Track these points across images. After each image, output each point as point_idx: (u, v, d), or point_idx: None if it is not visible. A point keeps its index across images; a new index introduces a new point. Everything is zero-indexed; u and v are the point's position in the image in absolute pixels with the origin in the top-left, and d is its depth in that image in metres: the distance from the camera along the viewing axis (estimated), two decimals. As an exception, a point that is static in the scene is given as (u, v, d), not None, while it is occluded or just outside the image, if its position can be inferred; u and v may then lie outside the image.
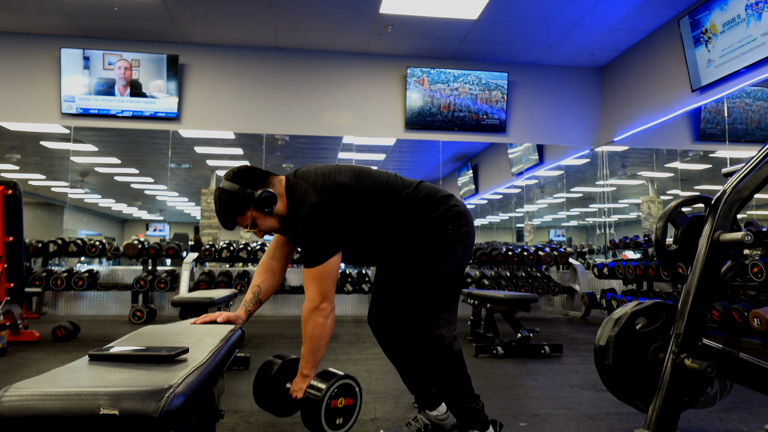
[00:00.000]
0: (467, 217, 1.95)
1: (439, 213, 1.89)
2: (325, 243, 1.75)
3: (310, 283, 1.74)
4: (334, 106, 6.61)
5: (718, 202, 1.96)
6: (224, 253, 6.02)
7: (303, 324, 1.75)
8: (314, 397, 1.70)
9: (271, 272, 1.96)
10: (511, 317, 3.94)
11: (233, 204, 1.74)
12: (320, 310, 1.73)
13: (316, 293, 1.73)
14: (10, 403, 0.88)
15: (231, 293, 3.70)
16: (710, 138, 6.18)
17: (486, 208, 13.68)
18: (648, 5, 5.48)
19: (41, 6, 5.58)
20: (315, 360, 1.78)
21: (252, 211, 1.75)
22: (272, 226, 1.81)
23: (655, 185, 8.15)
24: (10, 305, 4.06)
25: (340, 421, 1.74)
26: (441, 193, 1.94)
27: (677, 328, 1.88)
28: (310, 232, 1.73)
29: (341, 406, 1.74)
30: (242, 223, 1.78)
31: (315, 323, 1.74)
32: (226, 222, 1.78)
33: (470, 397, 1.86)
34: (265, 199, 1.73)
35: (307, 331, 1.75)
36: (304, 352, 1.78)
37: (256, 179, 1.77)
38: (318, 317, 1.73)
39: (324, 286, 1.74)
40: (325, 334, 1.76)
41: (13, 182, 4.06)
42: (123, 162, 11.04)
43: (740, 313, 3.78)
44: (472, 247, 2.00)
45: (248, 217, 1.76)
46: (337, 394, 1.73)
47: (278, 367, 1.87)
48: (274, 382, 1.87)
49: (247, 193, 1.73)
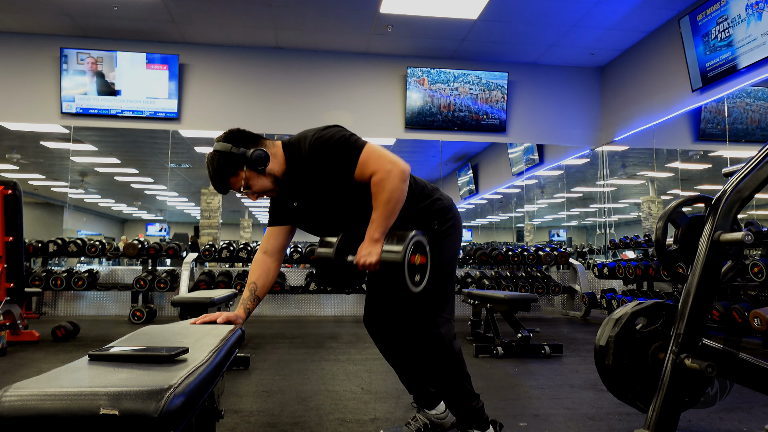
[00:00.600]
0: (452, 210, 1.94)
1: (424, 206, 1.88)
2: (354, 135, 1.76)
3: (374, 157, 1.71)
4: (334, 106, 6.61)
5: (719, 202, 1.96)
6: (224, 253, 6.02)
7: (378, 186, 1.70)
8: (395, 257, 1.66)
9: (266, 268, 1.94)
10: (511, 317, 3.94)
11: (226, 164, 1.72)
12: (396, 172, 1.70)
13: (385, 161, 1.70)
14: (10, 403, 0.88)
15: (231, 293, 3.70)
16: (710, 138, 6.18)
17: (486, 208, 13.70)
18: (648, 5, 5.48)
19: (41, 6, 5.58)
20: (388, 225, 1.73)
21: (245, 171, 1.74)
22: (265, 185, 1.79)
23: (656, 185, 8.15)
24: (9, 305, 4.06)
25: (418, 278, 1.72)
26: (425, 185, 1.94)
27: (677, 328, 1.88)
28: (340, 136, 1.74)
29: (417, 264, 1.72)
30: (235, 185, 1.76)
31: (393, 185, 1.69)
32: (220, 184, 1.76)
33: (470, 396, 1.86)
34: (258, 157, 1.72)
35: (383, 196, 1.70)
36: (377, 217, 1.72)
37: (247, 140, 1.77)
38: (395, 179, 1.69)
39: (385, 156, 1.71)
40: (402, 198, 1.72)
41: (13, 182, 4.06)
42: (123, 162, 11.04)
43: (740, 313, 3.78)
44: (461, 240, 1.99)
45: (241, 177, 1.74)
46: (414, 250, 1.70)
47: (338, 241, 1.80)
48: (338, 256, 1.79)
49: (239, 151, 1.72)
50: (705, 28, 5.07)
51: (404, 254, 1.65)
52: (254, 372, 3.26)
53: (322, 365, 3.47)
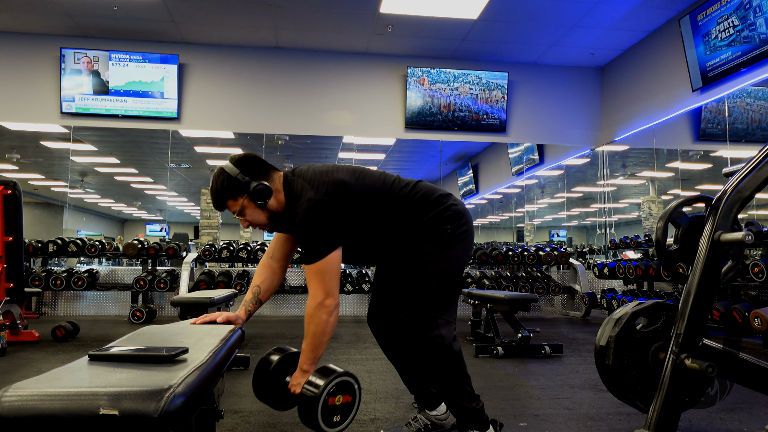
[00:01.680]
0: (465, 216, 1.95)
1: (436, 212, 1.89)
2: (324, 238, 1.74)
3: (312, 279, 1.74)
4: (334, 106, 6.60)
5: (719, 202, 1.95)
6: (224, 253, 6.02)
7: (306, 319, 1.75)
8: (311, 393, 1.68)
9: (271, 272, 1.96)
10: (511, 317, 3.94)
11: (228, 187, 1.76)
12: (324, 306, 1.72)
13: (319, 289, 1.73)
14: (10, 403, 0.88)
15: (231, 293, 3.70)
16: (711, 138, 6.17)
17: (486, 208, 13.69)
18: (648, 5, 5.48)
19: (41, 6, 5.58)
20: (316, 356, 1.77)
21: (245, 199, 1.76)
22: (260, 219, 1.81)
23: (656, 185, 8.15)
24: (9, 305, 4.06)
25: (338, 419, 1.72)
26: (438, 192, 1.94)
27: (678, 328, 1.88)
28: (308, 228, 1.73)
29: (339, 404, 1.72)
30: (232, 208, 1.79)
31: (318, 319, 1.72)
32: (217, 202, 1.80)
33: (470, 397, 1.86)
34: (260, 191, 1.74)
35: (310, 327, 1.74)
36: (305, 348, 1.77)
37: (257, 170, 1.79)
38: (322, 313, 1.72)
39: (326, 282, 1.73)
40: (328, 332, 1.75)
41: (12, 182, 4.06)
42: (123, 162, 11.04)
43: (741, 313, 3.77)
44: (472, 246, 1.99)
45: (239, 203, 1.77)
46: (335, 391, 1.71)
47: (278, 361, 1.85)
48: (274, 376, 1.85)
49: (244, 180, 1.74)
50: (705, 27, 5.06)
51: (321, 392, 1.68)
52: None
53: (322, 364, 3.46)
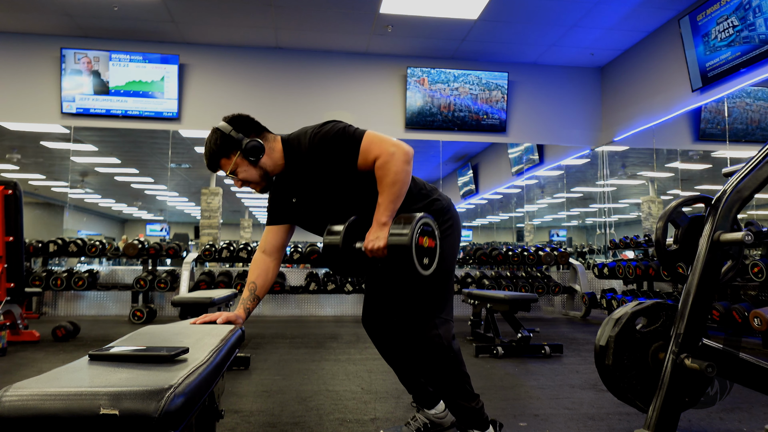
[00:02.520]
0: (450, 211, 1.94)
1: (422, 206, 1.87)
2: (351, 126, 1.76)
3: (376, 142, 1.70)
4: (334, 106, 6.61)
5: (719, 202, 1.96)
6: (224, 253, 6.02)
7: (380, 173, 1.69)
8: (404, 237, 1.63)
9: (265, 267, 1.94)
10: (511, 317, 3.94)
11: (221, 144, 1.76)
12: (402, 153, 1.69)
13: (388, 144, 1.70)
14: (10, 403, 0.88)
15: (231, 293, 3.70)
16: (710, 138, 6.18)
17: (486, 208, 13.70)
18: (648, 5, 5.48)
19: (41, 6, 5.58)
20: (395, 208, 1.72)
21: (237, 157, 1.76)
22: (253, 177, 1.80)
23: (656, 185, 8.15)
24: (10, 305, 4.06)
25: (427, 261, 1.70)
26: (423, 186, 1.94)
27: (677, 328, 1.88)
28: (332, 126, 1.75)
29: (426, 246, 1.70)
30: (225, 167, 1.79)
31: (397, 167, 1.68)
32: (211, 162, 1.80)
33: (470, 396, 1.86)
34: (253, 147, 1.75)
35: (388, 177, 1.69)
36: (383, 201, 1.71)
37: (250, 128, 1.80)
38: (398, 161, 1.68)
39: (390, 139, 1.72)
40: (407, 181, 1.72)
41: (13, 182, 4.06)
42: (123, 162, 11.04)
43: (740, 313, 3.77)
44: (459, 241, 1.98)
45: (232, 161, 1.77)
46: (422, 232, 1.68)
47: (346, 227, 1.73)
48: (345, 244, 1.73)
49: (237, 137, 1.75)
50: (705, 28, 5.07)
51: (412, 236, 1.63)
52: (254, 372, 3.26)
53: (322, 365, 3.47)
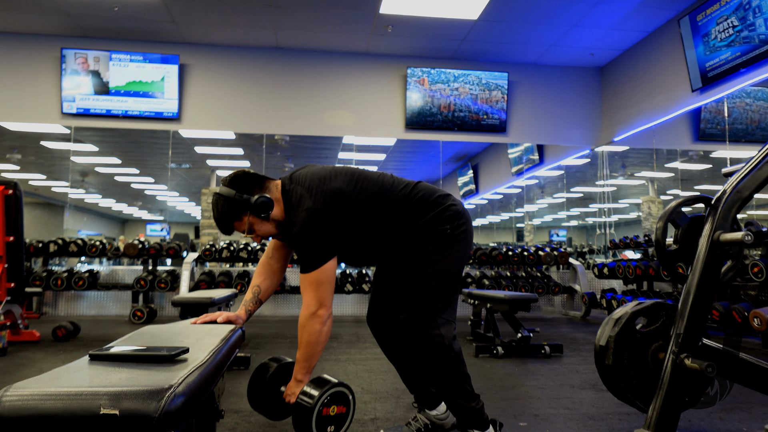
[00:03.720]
0: (465, 216, 1.95)
1: (435, 213, 1.89)
2: (320, 248, 1.75)
3: (307, 288, 1.75)
4: (335, 106, 6.61)
5: (719, 202, 1.96)
6: (224, 253, 6.02)
7: (300, 329, 1.76)
8: (306, 404, 1.69)
9: (270, 272, 1.96)
10: (511, 317, 3.94)
11: (230, 209, 1.75)
12: (317, 316, 1.73)
13: (313, 299, 1.74)
14: (10, 402, 0.88)
15: (231, 293, 3.70)
16: (710, 138, 6.18)
17: (486, 208, 13.69)
18: (648, 5, 5.48)
19: (41, 6, 5.58)
20: (310, 366, 1.79)
21: (249, 216, 1.76)
22: (269, 231, 1.82)
23: (656, 185, 8.15)
24: (10, 305, 4.06)
25: (332, 429, 1.73)
26: (438, 193, 1.95)
27: (677, 328, 1.88)
28: (304, 238, 1.73)
29: (333, 414, 1.73)
30: (239, 228, 1.79)
31: (311, 329, 1.74)
32: (224, 227, 1.80)
33: (470, 396, 1.86)
34: (262, 204, 1.74)
35: (303, 337, 1.75)
36: (299, 357, 1.78)
37: (252, 184, 1.78)
38: (315, 323, 1.73)
39: (320, 292, 1.74)
40: (321, 341, 1.76)
41: (13, 182, 4.06)
42: (123, 162, 11.04)
43: (740, 313, 3.77)
44: (471, 246, 2.00)
45: (245, 222, 1.77)
46: (329, 401, 1.72)
47: (273, 371, 1.87)
48: (269, 385, 1.86)
49: (243, 198, 1.73)
50: (705, 28, 5.07)
51: (316, 403, 1.69)
52: (254, 372, 3.25)
53: (322, 365, 3.47)
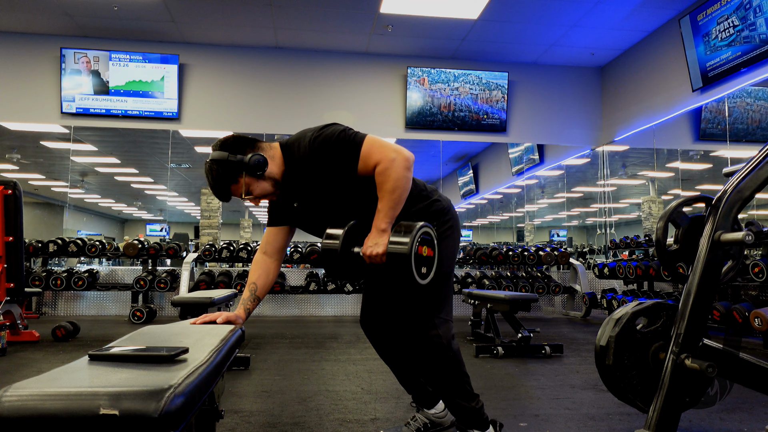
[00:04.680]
0: (450, 212, 1.93)
1: (422, 207, 1.87)
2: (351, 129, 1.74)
3: (377, 147, 1.69)
4: (334, 106, 6.61)
5: (719, 201, 1.95)
6: (224, 253, 6.02)
7: (381, 178, 1.69)
8: (403, 246, 1.63)
9: (265, 268, 1.93)
10: (511, 317, 3.94)
11: (225, 172, 1.71)
12: (402, 159, 1.69)
13: (389, 150, 1.69)
14: (10, 403, 0.88)
15: (231, 293, 3.70)
16: (711, 138, 6.17)
17: (486, 208, 13.70)
18: (648, 5, 5.48)
19: (41, 6, 5.58)
20: (395, 214, 1.72)
21: (244, 177, 1.73)
22: (266, 189, 1.78)
23: (656, 185, 8.15)
24: (10, 305, 4.06)
25: (425, 271, 1.69)
26: (425, 186, 1.93)
27: (678, 328, 1.88)
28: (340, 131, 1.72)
29: (425, 255, 1.70)
30: (237, 192, 1.75)
31: (397, 174, 1.67)
32: (221, 192, 1.75)
33: (469, 396, 1.86)
34: (257, 162, 1.70)
35: (389, 183, 1.68)
36: (383, 207, 1.70)
37: (244, 145, 1.75)
38: (399, 167, 1.67)
39: (390, 145, 1.71)
40: (408, 187, 1.71)
41: (13, 182, 4.06)
42: (123, 162, 11.04)
43: (741, 313, 3.77)
44: (459, 242, 1.99)
45: (242, 184, 1.73)
46: (421, 241, 1.68)
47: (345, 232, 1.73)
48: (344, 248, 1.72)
49: (237, 159, 1.70)
50: (705, 27, 5.06)
51: (411, 246, 1.62)
52: (254, 372, 3.26)
53: (322, 365, 3.47)
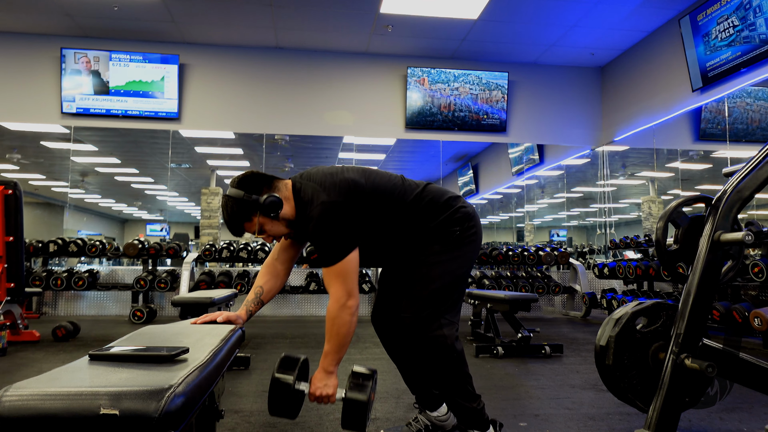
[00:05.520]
0: (474, 218, 1.96)
1: (446, 216, 1.90)
2: (341, 240, 1.73)
3: (333, 281, 1.73)
4: (335, 106, 6.60)
5: (719, 201, 1.95)
6: (224, 253, 6.02)
7: (329, 322, 1.74)
8: (360, 398, 1.70)
9: (274, 274, 1.95)
10: (511, 317, 3.94)
11: (239, 210, 1.74)
12: (347, 307, 1.72)
13: (341, 291, 1.72)
14: (10, 402, 0.88)
15: (231, 293, 3.70)
16: (711, 138, 6.18)
17: (486, 208, 13.69)
18: (648, 5, 5.48)
19: (41, 6, 5.58)
20: (340, 357, 1.77)
21: (259, 216, 1.74)
22: (280, 231, 1.81)
23: (656, 185, 8.15)
24: (10, 305, 4.06)
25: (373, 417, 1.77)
26: (447, 195, 1.95)
27: (678, 328, 1.88)
28: (324, 231, 1.72)
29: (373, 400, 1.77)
30: (250, 229, 1.77)
31: (342, 321, 1.72)
32: (234, 228, 1.78)
33: (471, 397, 1.86)
34: (271, 204, 1.72)
35: (333, 329, 1.73)
36: (330, 350, 1.75)
37: (261, 184, 1.76)
38: (345, 315, 1.72)
39: (348, 283, 1.73)
40: (352, 332, 1.75)
41: (13, 182, 4.06)
42: (123, 162, 11.04)
43: (741, 313, 3.77)
44: (479, 248, 2.00)
45: (255, 223, 1.75)
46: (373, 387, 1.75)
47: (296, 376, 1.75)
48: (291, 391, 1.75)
49: (252, 198, 1.72)
50: (705, 28, 5.06)
51: (368, 393, 1.71)
52: (254, 372, 3.26)
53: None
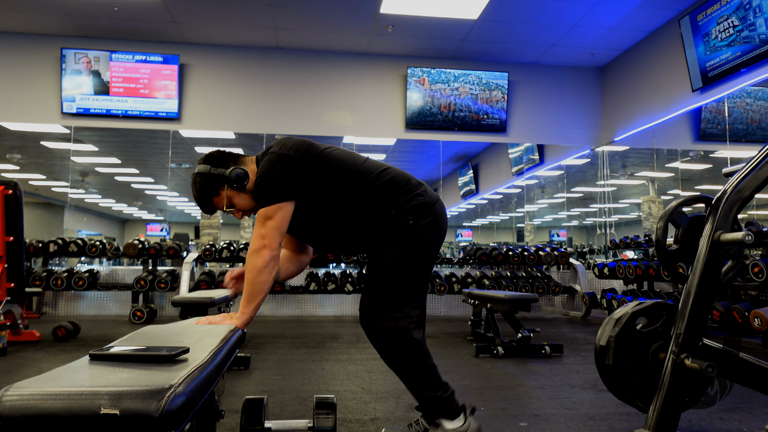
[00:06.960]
0: (432, 208, 1.88)
1: (402, 201, 1.85)
2: (279, 186, 1.74)
3: (257, 224, 1.74)
4: (335, 106, 6.61)
5: (719, 202, 1.96)
6: (224, 253, 6.02)
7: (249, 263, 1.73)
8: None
9: (286, 258, 2.02)
10: (511, 317, 3.94)
11: (207, 185, 1.80)
12: (260, 255, 1.70)
13: (258, 236, 1.72)
14: (10, 402, 0.88)
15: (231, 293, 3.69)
16: (711, 138, 6.18)
17: (486, 208, 13.70)
18: (648, 5, 5.48)
19: (41, 6, 5.58)
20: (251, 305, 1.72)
21: (226, 190, 1.80)
22: (248, 204, 1.85)
23: (656, 185, 8.15)
24: (10, 305, 4.06)
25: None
26: (409, 179, 1.91)
27: (678, 328, 1.88)
28: (265, 174, 1.75)
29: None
30: (219, 204, 1.82)
31: (250, 265, 1.71)
32: (204, 204, 1.83)
33: (435, 385, 1.82)
34: (236, 176, 1.78)
35: (245, 274, 1.74)
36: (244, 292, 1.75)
37: (226, 159, 1.84)
38: (254, 259, 1.70)
39: (266, 229, 1.71)
40: (261, 281, 1.71)
41: (13, 182, 4.06)
42: (123, 162, 11.05)
43: (741, 313, 3.77)
44: (438, 239, 1.93)
45: (223, 197, 1.81)
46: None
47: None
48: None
49: (218, 172, 1.78)
50: (705, 28, 5.07)
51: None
52: (254, 372, 3.26)
53: (323, 365, 3.47)
